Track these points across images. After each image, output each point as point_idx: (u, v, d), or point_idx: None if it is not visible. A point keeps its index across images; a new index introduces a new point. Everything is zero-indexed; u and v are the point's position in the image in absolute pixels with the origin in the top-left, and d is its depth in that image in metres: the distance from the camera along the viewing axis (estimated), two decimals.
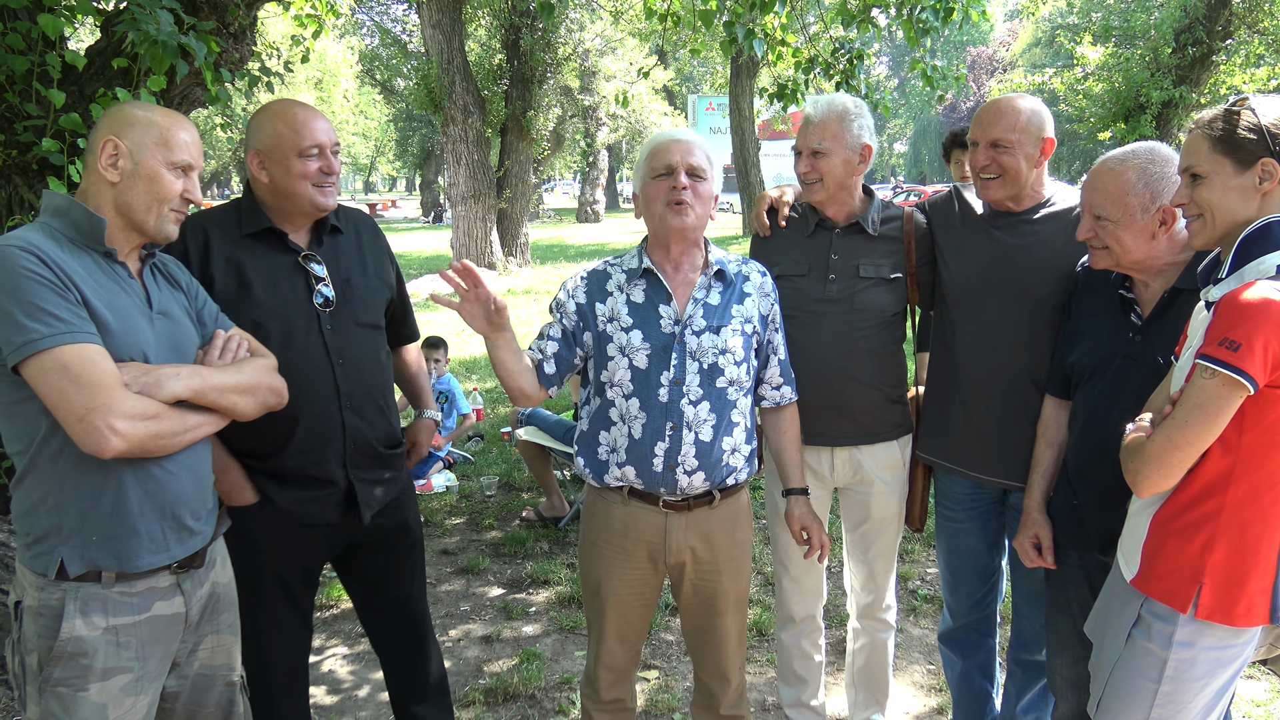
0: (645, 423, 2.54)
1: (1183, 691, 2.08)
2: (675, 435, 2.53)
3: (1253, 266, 1.94)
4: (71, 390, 1.88)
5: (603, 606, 2.73)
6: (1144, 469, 2.03)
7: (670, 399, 2.53)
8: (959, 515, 3.07)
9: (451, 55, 16.95)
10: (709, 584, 2.70)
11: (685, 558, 2.65)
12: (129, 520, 2.05)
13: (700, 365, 2.54)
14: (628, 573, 2.68)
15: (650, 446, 2.54)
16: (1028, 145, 2.72)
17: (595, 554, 2.72)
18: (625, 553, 2.66)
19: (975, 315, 2.88)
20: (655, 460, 2.55)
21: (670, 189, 2.53)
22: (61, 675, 2.01)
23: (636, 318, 2.57)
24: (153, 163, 2.09)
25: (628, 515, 2.64)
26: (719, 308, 2.61)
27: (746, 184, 24.88)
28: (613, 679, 2.84)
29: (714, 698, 2.84)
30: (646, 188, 2.59)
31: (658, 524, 2.62)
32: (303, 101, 2.66)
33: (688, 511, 2.62)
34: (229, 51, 3.95)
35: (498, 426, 7.83)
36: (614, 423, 2.60)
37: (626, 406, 2.56)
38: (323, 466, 2.63)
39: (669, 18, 6.72)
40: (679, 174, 2.52)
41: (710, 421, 2.56)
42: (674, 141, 2.57)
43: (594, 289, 2.65)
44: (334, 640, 4.37)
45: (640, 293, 2.61)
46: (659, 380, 2.54)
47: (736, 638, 2.80)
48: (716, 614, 2.73)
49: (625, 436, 2.57)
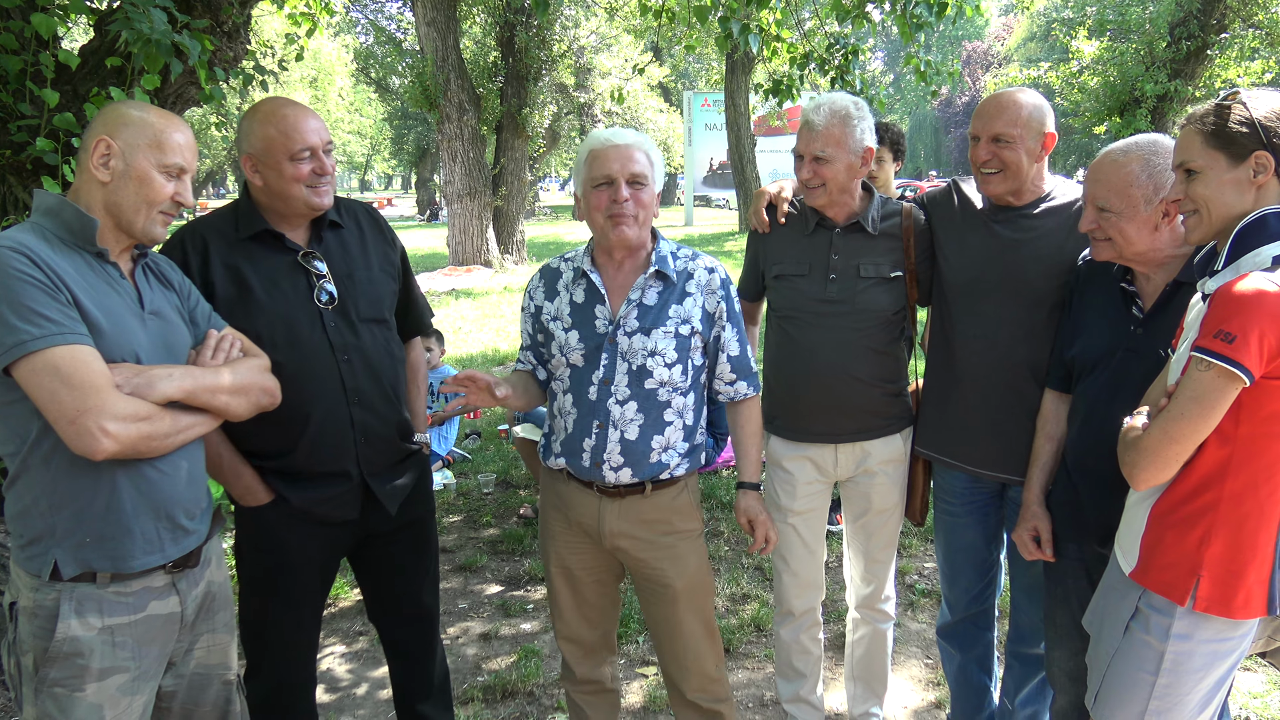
0: (575, 419, 2.62)
1: (1180, 684, 2.09)
2: (601, 433, 2.59)
3: (1248, 258, 1.94)
4: (63, 392, 1.88)
5: (555, 581, 2.82)
6: (1140, 462, 2.03)
7: (598, 398, 2.59)
8: (957, 509, 3.07)
9: (446, 53, 16.92)
10: (654, 574, 2.72)
11: (623, 543, 2.70)
12: (123, 521, 2.04)
13: (629, 366, 2.57)
14: (574, 548, 2.78)
15: (579, 442, 2.62)
16: (1029, 140, 2.72)
17: (546, 529, 2.84)
18: (568, 527, 2.77)
19: (974, 310, 2.88)
20: (584, 455, 2.62)
21: (611, 201, 2.52)
22: (57, 676, 2.01)
23: (576, 318, 2.63)
24: (144, 164, 2.08)
25: (568, 494, 2.74)
26: (654, 308, 2.61)
27: (743, 180, 24.85)
28: (581, 655, 2.89)
29: (674, 684, 2.85)
30: (587, 195, 2.58)
31: (592, 506, 2.69)
32: (292, 100, 2.63)
33: (620, 499, 2.67)
34: (223, 50, 3.94)
35: (495, 424, 7.83)
36: (555, 415, 2.72)
37: (563, 402, 2.65)
38: (335, 463, 2.63)
39: (664, 14, 6.72)
40: (619, 186, 2.51)
41: (638, 421, 2.59)
42: (613, 148, 2.54)
43: (548, 287, 2.73)
44: (332, 638, 4.36)
45: (581, 292, 2.65)
46: (590, 379, 2.59)
47: (697, 631, 2.77)
48: (666, 603, 2.74)
49: (562, 429, 2.66)
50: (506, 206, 19.45)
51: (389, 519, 2.78)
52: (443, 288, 16.37)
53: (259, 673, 2.73)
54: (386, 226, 2.90)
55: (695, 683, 2.80)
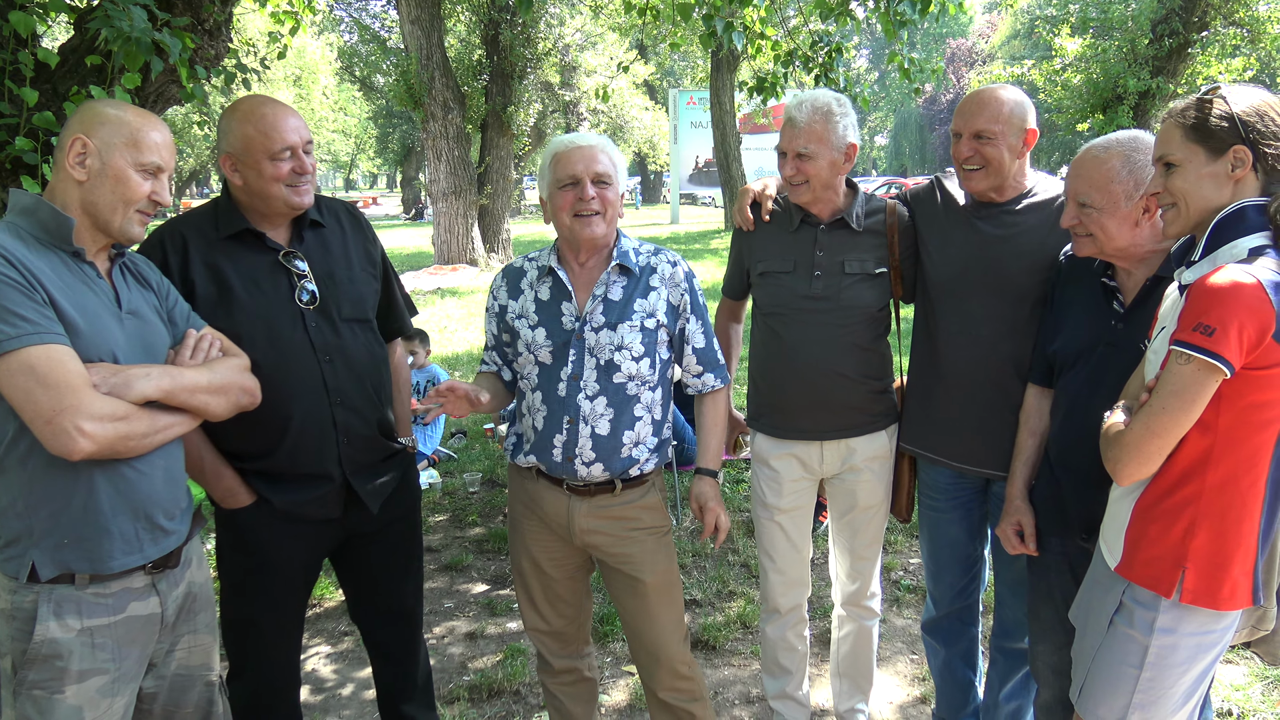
0: (545, 415, 2.63)
1: (1164, 677, 2.10)
2: (572, 429, 2.60)
3: (1225, 250, 1.96)
4: (38, 392, 1.86)
5: (524, 574, 2.84)
6: (1123, 457, 2.04)
7: (568, 394, 2.60)
8: (941, 505, 3.08)
9: (431, 51, 16.86)
10: (624, 567, 2.74)
11: (594, 540, 2.72)
12: (101, 521, 2.03)
13: (598, 361, 2.60)
14: (544, 544, 2.78)
15: (550, 438, 2.62)
16: (1010, 136, 2.73)
17: (514, 525, 2.85)
18: (538, 524, 2.78)
19: (958, 306, 2.89)
20: (555, 451, 2.63)
21: (577, 200, 2.55)
22: (36, 678, 1.99)
23: (541, 315, 2.65)
24: (120, 163, 2.06)
25: (537, 492, 2.75)
26: (619, 303, 2.64)
27: (728, 178, 24.88)
28: (556, 646, 2.91)
29: (647, 683, 2.86)
30: (553, 197, 2.61)
31: (561, 505, 2.71)
32: (272, 98, 2.61)
33: (590, 497, 2.68)
34: (204, 48, 3.92)
35: (480, 423, 7.81)
36: (524, 414, 2.71)
37: (532, 399, 2.66)
38: (317, 464, 2.62)
39: (648, 12, 6.71)
40: (585, 185, 2.54)
41: (608, 416, 2.61)
42: (576, 149, 2.57)
43: (511, 287, 2.74)
44: (317, 639, 4.35)
45: (546, 290, 2.67)
46: (558, 375, 2.61)
47: (667, 626, 2.78)
48: (638, 596, 2.75)
49: (531, 428, 2.66)
50: (492, 205, 19.39)
51: (371, 519, 2.76)
52: (428, 287, 16.33)
53: (242, 674, 2.72)
54: (368, 225, 2.89)
55: (667, 681, 2.80)
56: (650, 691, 2.85)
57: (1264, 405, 1.94)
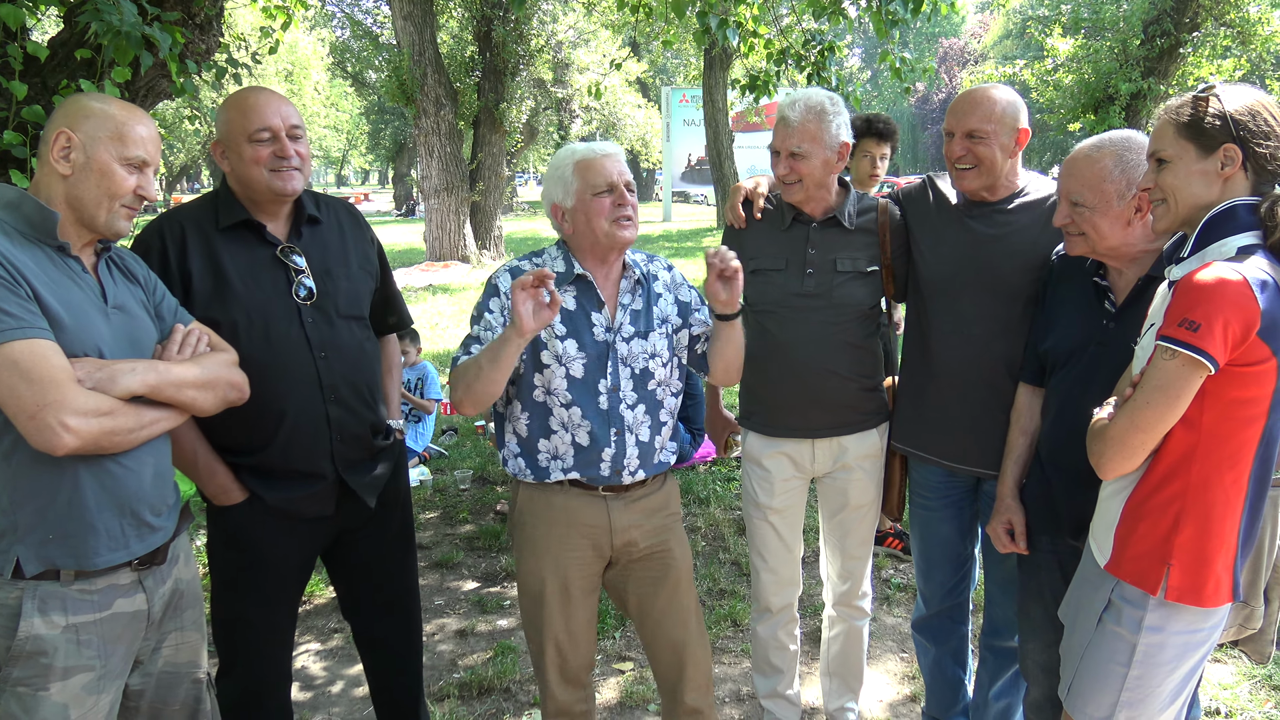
0: (591, 430, 2.57)
1: (1152, 675, 2.10)
2: (620, 440, 2.59)
3: (1214, 248, 1.97)
4: (22, 387, 1.84)
5: (546, 607, 2.65)
6: (1107, 451, 2.05)
7: (610, 406, 2.58)
8: (933, 503, 3.08)
9: (423, 47, 16.83)
10: (660, 557, 2.71)
11: (632, 536, 2.67)
12: (86, 517, 2.01)
13: (632, 370, 2.60)
14: (571, 562, 2.64)
15: (598, 453, 2.58)
16: (1003, 136, 2.73)
17: (534, 549, 2.66)
18: (567, 541, 2.63)
19: (950, 305, 2.89)
20: (602, 465, 2.59)
21: (616, 205, 2.53)
22: (21, 675, 1.97)
23: (570, 326, 2.57)
24: (105, 157, 2.04)
25: (568, 504, 2.63)
26: (642, 312, 2.65)
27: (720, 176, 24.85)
28: (575, 690, 2.75)
29: (674, 689, 2.76)
30: (587, 205, 2.54)
31: (599, 509, 2.64)
32: (265, 88, 2.60)
33: (625, 493, 2.66)
34: (195, 43, 3.89)
35: (471, 420, 7.80)
36: (554, 430, 2.59)
37: (567, 415, 2.57)
38: (310, 461, 2.61)
39: (641, 8, 6.70)
40: (621, 190, 2.54)
41: (647, 423, 2.64)
42: (607, 157, 2.56)
43: None
44: (307, 636, 4.33)
45: (571, 300, 2.59)
46: (598, 388, 2.57)
47: (695, 615, 2.77)
48: (669, 586, 2.71)
49: (569, 444, 2.59)
50: (484, 202, 19.35)
51: (364, 514, 2.75)
52: (420, 283, 16.30)
53: (232, 671, 2.70)
54: (366, 224, 2.88)
55: (700, 680, 2.75)
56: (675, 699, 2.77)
57: (1247, 402, 1.95)
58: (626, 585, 2.76)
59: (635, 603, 2.77)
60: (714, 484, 6.17)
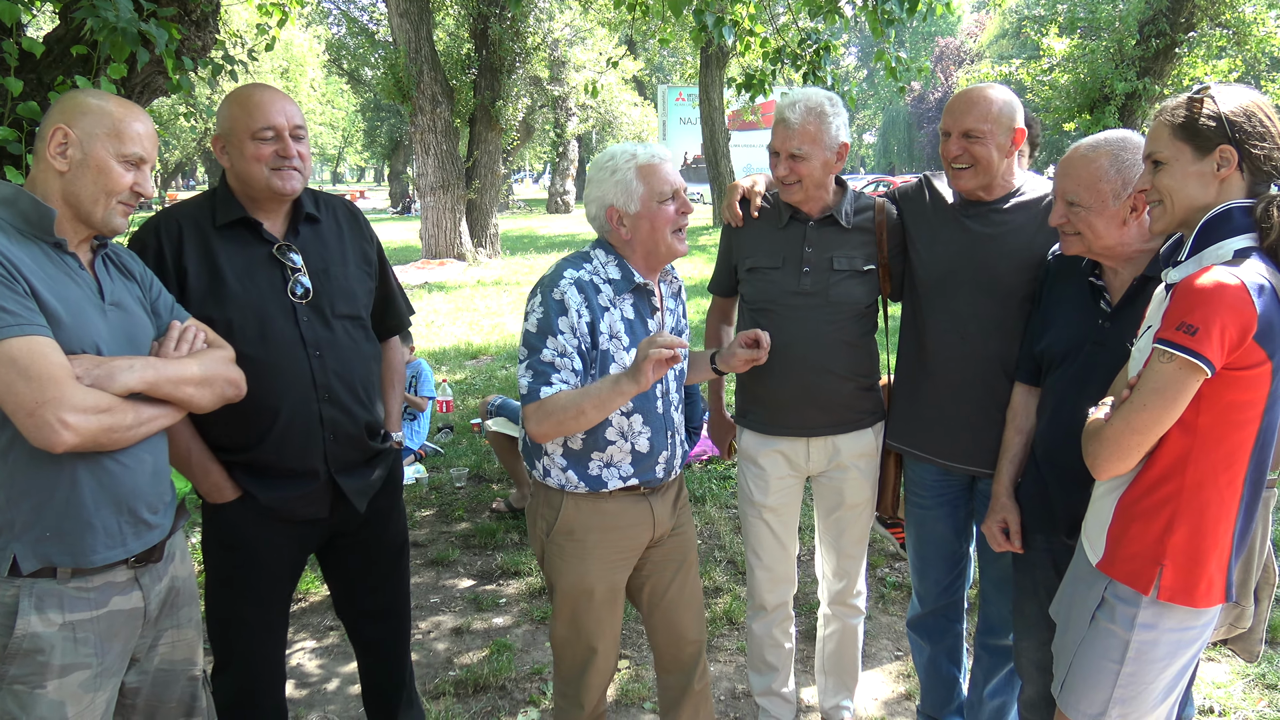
0: (650, 436, 2.61)
1: (1144, 672, 2.11)
2: (672, 441, 2.67)
3: (1211, 251, 1.97)
4: (20, 384, 1.84)
5: (602, 612, 2.66)
6: (1102, 452, 2.05)
7: (664, 409, 2.63)
8: (928, 502, 3.09)
9: (419, 44, 16.81)
10: (679, 538, 2.82)
11: (669, 525, 2.76)
12: (83, 515, 2.01)
13: (675, 372, 2.68)
14: (621, 566, 2.69)
15: (655, 457, 2.63)
16: (999, 135, 2.74)
17: (588, 558, 2.61)
18: (621, 546, 2.67)
19: (945, 304, 2.90)
20: (659, 468, 2.65)
21: (679, 214, 2.57)
22: (17, 673, 1.97)
23: (631, 336, 2.56)
24: (102, 153, 2.04)
25: (616, 509, 2.64)
26: (676, 312, 2.76)
27: (716, 174, 24.86)
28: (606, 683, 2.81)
29: (686, 671, 2.87)
30: (653, 213, 2.53)
31: (644, 509, 2.68)
32: (268, 85, 2.60)
33: (663, 489, 2.73)
34: (191, 39, 3.88)
35: (467, 418, 7.79)
36: (612, 441, 2.56)
37: (628, 424, 2.56)
38: (303, 460, 2.60)
39: (638, 7, 6.69)
40: (683, 199, 2.58)
41: (681, 420, 2.75)
42: (666, 162, 2.59)
43: (593, 304, 2.50)
44: (302, 634, 4.33)
45: (630, 308, 2.59)
46: (655, 394, 2.60)
47: (699, 599, 2.90)
48: (686, 569, 2.83)
49: (627, 452, 2.58)
50: (480, 200, 19.34)
51: (357, 516, 2.75)
52: (416, 281, 16.29)
53: (227, 669, 2.71)
54: (365, 223, 2.88)
55: (701, 666, 2.90)
56: (685, 687, 2.87)
57: (1243, 405, 1.96)
58: (642, 572, 2.79)
59: (648, 590, 2.81)
60: (710, 483, 6.18)
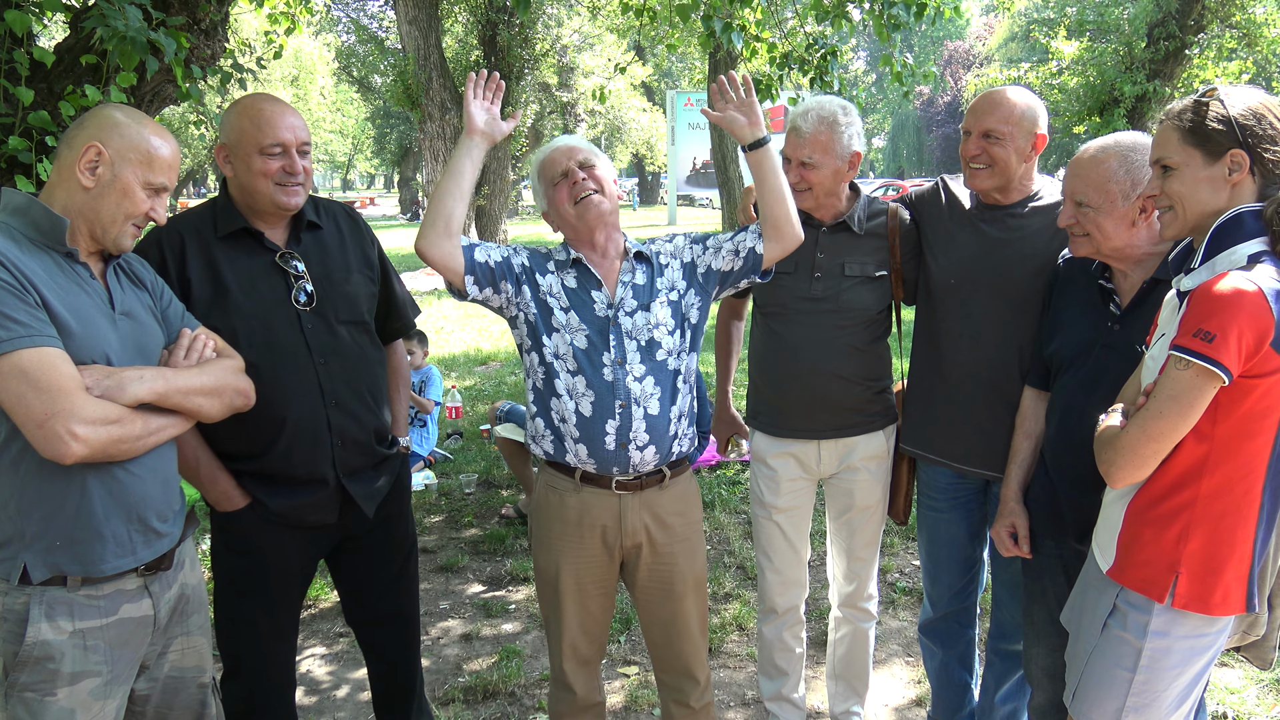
0: (594, 401, 2.58)
1: (1157, 680, 2.09)
2: (625, 412, 2.58)
3: (1224, 256, 1.95)
4: (30, 395, 1.85)
5: (562, 599, 2.71)
6: (1118, 460, 2.03)
7: (615, 378, 2.58)
8: (941, 505, 3.08)
9: (428, 51, 16.85)
10: (665, 567, 2.71)
11: (641, 539, 2.68)
12: (93, 524, 2.01)
13: (638, 343, 2.61)
14: (584, 560, 2.69)
15: (601, 425, 2.58)
16: (1019, 139, 2.73)
17: (550, 546, 2.72)
18: (580, 541, 2.67)
19: (960, 308, 2.90)
20: (607, 438, 2.58)
21: (571, 186, 2.61)
22: (28, 680, 1.98)
23: (572, 300, 2.62)
24: (130, 178, 2.06)
25: (581, 502, 2.65)
26: (645, 285, 2.67)
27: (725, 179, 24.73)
28: (586, 675, 2.81)
29: (682, 694, 2.82)
30: (551, 198, 2.66)
31: (612, 506, 2.65)
32: (276, 98, 2.61)
33: (640, 491, 2.65)
34: (200, 48, 3.91)
35: (477, 424, 7.80)
36: (560, 394, 2.60)
37: (573, 383, 2.59)
38: (311, 467, 2.61)
39: (646, 12, 6.71)
40: (574, 170, 2.61)
41: (656, 395, 2.61)
42: (556, 149, 2.69)
43: (536, 262, 2.67)
44: (312, 640, 4.34)
45: (572, 279, 2.65)
46: (601, 361, 2.58)
47: (699, 626, 2.80)
48: (675, 598, 2.73)
49: (573, 413, 2.60)
50: (489, 206, 19.38)
51: (366, 521, 2.76)
52: (425, 287, 16.32)
53: (237, 675, 2.71)
54: (366, 228, 2.88)
55: (701, 690, 2.82)
56: (680, 703, 2.84)
57: (1260, 413, 1.94)
58: (633, 590, 2.79)
59: (640, 613, 2.83)
60: (719, 488, 6.17)
